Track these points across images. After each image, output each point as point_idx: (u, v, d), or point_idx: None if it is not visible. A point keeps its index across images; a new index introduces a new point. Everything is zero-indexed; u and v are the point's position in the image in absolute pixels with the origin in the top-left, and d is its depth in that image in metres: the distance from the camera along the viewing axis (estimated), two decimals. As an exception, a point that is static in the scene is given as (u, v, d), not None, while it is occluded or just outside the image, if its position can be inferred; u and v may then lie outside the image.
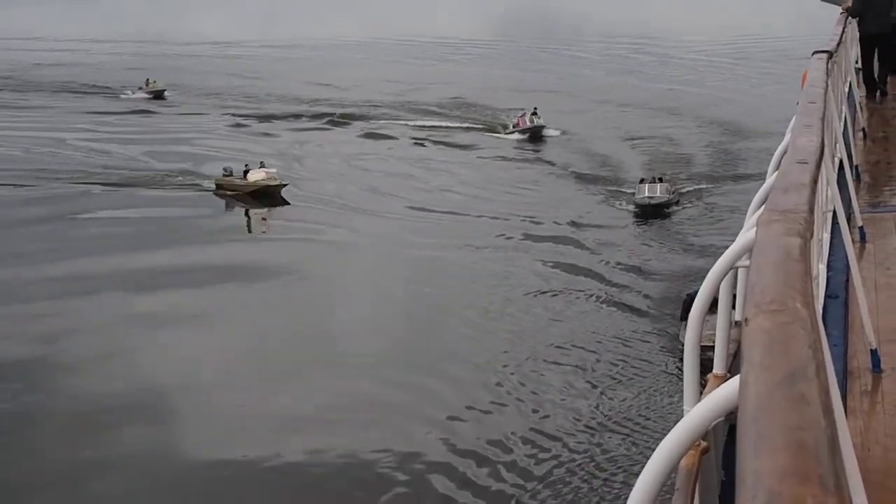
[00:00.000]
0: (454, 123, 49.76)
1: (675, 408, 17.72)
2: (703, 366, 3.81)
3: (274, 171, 36.47)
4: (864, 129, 12.76)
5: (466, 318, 23.93)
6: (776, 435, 1.29)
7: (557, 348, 21.95)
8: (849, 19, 15.22)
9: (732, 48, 75.47)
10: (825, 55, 8.37)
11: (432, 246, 29.70)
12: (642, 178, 35.08)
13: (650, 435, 17.58)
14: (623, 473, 16.49)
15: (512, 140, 46.24)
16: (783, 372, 1.47)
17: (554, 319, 23.74)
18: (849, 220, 6.86)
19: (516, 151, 44.20)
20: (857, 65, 16.28)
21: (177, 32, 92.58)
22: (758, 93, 54.77)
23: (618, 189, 36.15)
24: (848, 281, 6.22)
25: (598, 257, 28.41)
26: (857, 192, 8.96)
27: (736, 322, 4.99)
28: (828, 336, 3.95)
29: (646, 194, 33.38)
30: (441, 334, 23.48)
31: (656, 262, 28.10)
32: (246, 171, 36.32)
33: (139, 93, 59.60)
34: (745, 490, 1.19)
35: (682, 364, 3.86)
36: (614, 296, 25.19)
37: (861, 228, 7.88)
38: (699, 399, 2.98)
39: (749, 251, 3.31)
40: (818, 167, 3.61)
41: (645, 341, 22.38)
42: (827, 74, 7.54)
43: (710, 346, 4.26)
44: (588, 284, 26.06)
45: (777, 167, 4.92)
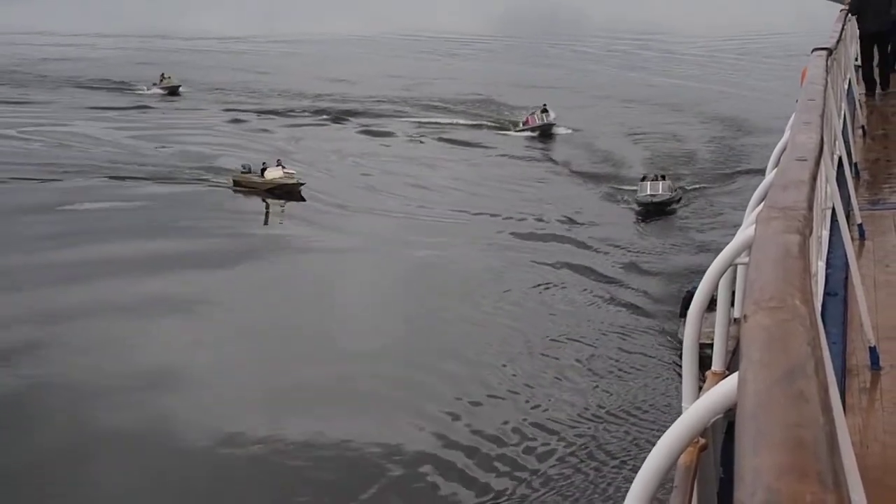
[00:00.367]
0: (465, 121, 49.51)
1: (674, 402, 17.84)
2: (702, 363, 3.81)
3: (293, 171, 36.34)
4: (864, 127, 12.73)
5: (467, 312, 24.02)
6: (775, 432, 1.29)
7: (553, 342, 22.12)
8: (848, 16, 15.20)
9: (735, 44, 75.48)
10: (825, 52, 8.35)
11: (434, 245, 29.71)
12: (644, 176, 34.95)
13: (649, 428, 17.78)
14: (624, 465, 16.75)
15: (521, 138, 46.07)
16: (782, 369, 1.46)
17: (552, 314, 23.82)
18: (848, 218, 6.86)
19: (525, 149, 44.02)
20: (857, 62, 16.26)
21: (176, 30, 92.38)
22: (762, 88, 54.71)
23: (622, 186, 36.09)
24: (847, 278, 6.21)
25: (600, 256, 28.43)
26: (857, 190, 8.94)
27: (735, 319, 4.98)
28: (827, 333, 3.95)
29: (648, 192, 33.28)
30: (442, 328, 23.54)
31: (658, 260, 28.12)
32: (263, 169, 36.24)
33: (154, 89, 59.06)
34: (744, 487, 1.19)
35: (682, 360, 3.86)
36: (616, 294, 25.20)
37: (860, 226, 7.87)
38: (698, 396, 2.98)
39: (748, 248, 3.30)
40: (817, 164, 3.60)
41: (647, 335, 22.44)
42: (826, 71, 7.53)
43: (709, 344, 4.26)
44: (589, 283, 26.08)
45: (776, 164, 4.91)
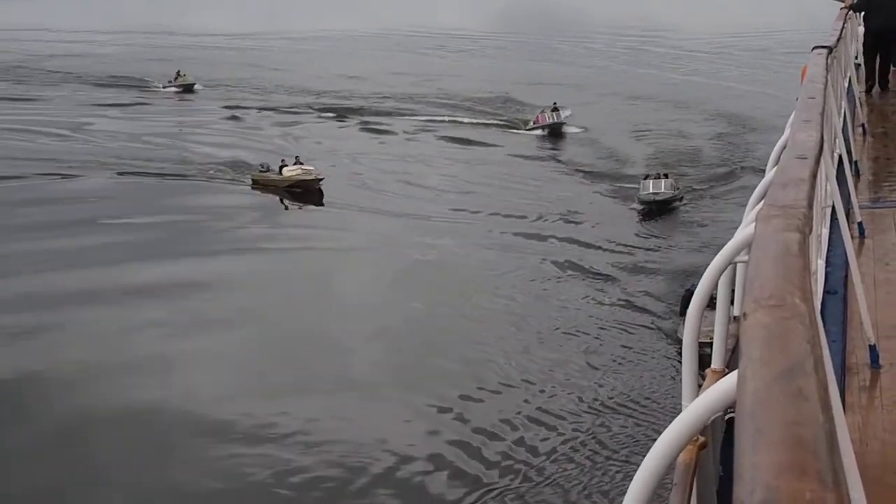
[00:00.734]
0: (473, 119, 49.38)
1: (673, 399, 17.95)
2: (702, 361, 3.81)
3: (312, 168, 36.25)
4: (864, 125, 12.72)
5: (470, 308, 24.14)
6: (774, 430, 1.29)
7: (553, 338, 22.27)
8: (849, 14, 15.18)
9: (739, 40, 75.52)
10: (825, 50, 8.35)
11: (435, 244, 29.71)
12: (646, 175, 34.83)
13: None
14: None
15: (531, 136, 45.92)
16: (781, 367, 1.46)
17: (552, 311, 23.87)
18: (848, 216, 6.85)
19: (535, 149, 43.85)
20: (857, 60, 16.25)
21: (178, 27, 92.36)
22: (767, 84, 54.67)
23: (626, 185, 36.03)
24: (847, 277, 6.21)
25: (601, 253, 28.42)
26: (857, 188, 8.94)
27: (734, 317, 4.98)
28: (826, 332, 3.94)
29: (650, 190, 33.16)
30: (441, 325, 23.62)
31: (660, 258, 28.13)
32: (282, 167, 36.19)
33: (170, 87, 58.73)
34: (743, 485, 1.19)
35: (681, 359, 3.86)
36: (616, 292, 25.21)
37: (860, 224, 7.86)
38: (697, 394, 2.98)
39: (748, 246, 3.30)
40: (817, 162, 3.60)
41: (647, 332, 22.50)
42: (826, 70, 7.52)
43: (709, 342, 4.26)
44: (590, 281, 26.08)
45: (776, 162, 4.90)
